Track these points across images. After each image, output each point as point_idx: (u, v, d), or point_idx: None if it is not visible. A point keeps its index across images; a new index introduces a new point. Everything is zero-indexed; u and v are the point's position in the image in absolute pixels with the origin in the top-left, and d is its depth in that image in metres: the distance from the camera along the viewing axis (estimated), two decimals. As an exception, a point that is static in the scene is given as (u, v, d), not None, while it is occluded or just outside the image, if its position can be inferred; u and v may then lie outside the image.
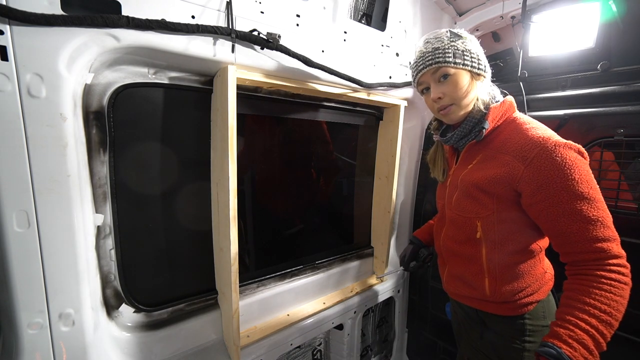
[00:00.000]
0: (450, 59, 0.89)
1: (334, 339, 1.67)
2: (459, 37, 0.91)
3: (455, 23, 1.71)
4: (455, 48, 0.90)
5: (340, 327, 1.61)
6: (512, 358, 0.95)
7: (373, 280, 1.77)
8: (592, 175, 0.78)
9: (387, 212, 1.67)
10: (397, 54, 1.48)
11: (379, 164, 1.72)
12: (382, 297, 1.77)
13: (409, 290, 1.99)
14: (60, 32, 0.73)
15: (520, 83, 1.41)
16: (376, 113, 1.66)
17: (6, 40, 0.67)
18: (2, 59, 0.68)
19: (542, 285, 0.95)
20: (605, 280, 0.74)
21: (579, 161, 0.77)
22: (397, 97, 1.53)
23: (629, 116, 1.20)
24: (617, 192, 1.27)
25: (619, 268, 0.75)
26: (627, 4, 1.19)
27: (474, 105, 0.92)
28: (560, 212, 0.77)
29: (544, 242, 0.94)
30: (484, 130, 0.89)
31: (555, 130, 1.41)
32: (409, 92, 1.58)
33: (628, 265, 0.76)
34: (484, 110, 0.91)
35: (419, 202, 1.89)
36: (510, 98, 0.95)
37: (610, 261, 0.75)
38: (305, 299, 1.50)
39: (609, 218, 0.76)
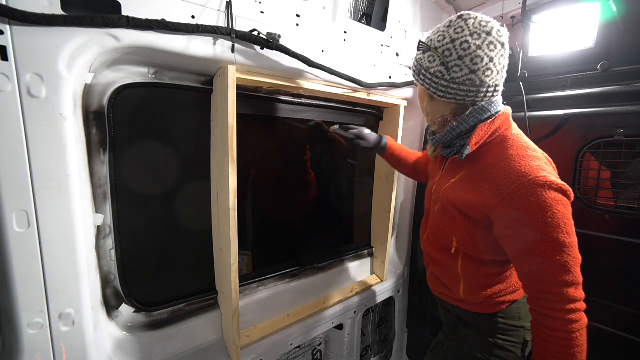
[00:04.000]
0: (413, 74, 0.92)
1: (334, 339, 1.67)
2: (427, 49, 0.84)
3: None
4: (419, 63, 0.87)
5: (340, 327, 1.61)
6: (482, 350, 0.97)
7: (373, 280, 1.77)
8: (568, 217, 0.75)
9: (387, 212, 1.67)
10: (397, 54, 1.48)
11: (379, 164, 1.72)
12: (382, 297, 1.77)
13: (409, 290, 1.99)
14: (60, 32, 0.73)
15: (520, 83, 1.41)
16: (376, 113, 1.66)
17: (6, 40, 0.67)
18: (2, 59, 0.68)
19: (518, 288, 0.96)
20: (559, 334, 0.75)
21: (555, 203, 0.72)
22: (397, 97, 1.53)
23: (629, 116, 1.20)
24: (616, 192, 1.27)
25: (571, 315, 0.74)
26: (627, 4, 1.19)
27: (442, 120, 0.89)
28: (524, 250, 0.77)
29: None
30: (464, 154, 0.84)
31: (555, 130, 1.41)
32: (409, 92, 1.58)
33: (583, 306, 0.76)
34: (453, 129, 0.86)
35: (419, 202, 1.89)
36: (505, 112, 0.86)
37: (565, 306, 0.75)
38: (305, 299, 1.50)
39: (574, 262, 0.74)
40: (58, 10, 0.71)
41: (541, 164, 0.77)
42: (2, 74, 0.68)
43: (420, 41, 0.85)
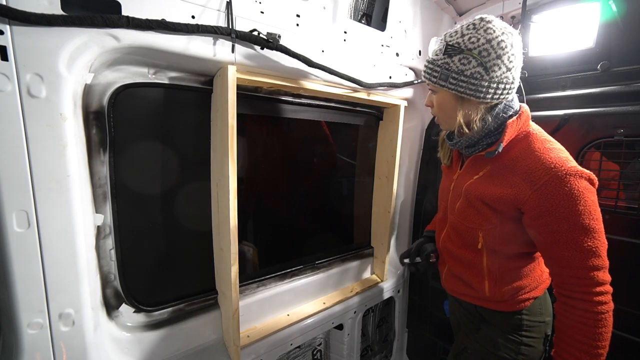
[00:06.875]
0: (435, 80, 0.86)
1: (334, 339, 1.67)
2: (459, 52, 0.81)
3: (455, 23, 1.71)
4: (446, 67, 0.83)
5: (340, 327, 1.61)
6: (509, 349, 0.97)
7: (373, 280, 1.77)
8: (597, 204, 0.78)
9: (387, 212, 1.67)
10: (397, 54, 1.48)
11: (379, 164, 1.71)
12: (382, 297, 1.77)
13: (409, 290, 1.99)
14: (60, 32, 0.73)
15: (520, 83, 1.41)
16: (376, 113, 1.65)
17: (6, 40, 0.67)
18: (2, 59, 0.68)
19: (540, 284, 0.98)
20: (589, 315, 0.79)
21: (586, 191, 0.76)
22: (397, 97, 1.53)
23: (629, 116, 1.20)
24: (617, 192, 1.27)
25: (600, 297, 0.79)
26: (627, 4, 1.19)
27: (469, 124, 0.87)
28: (557, 238, 0.79)
29: None
30: (497, 151, 0.84)
31: (555, 130, 1.41)
32: (409, 92, 1.58)
33: (610, 289, 0.80)
34: (487, 127, 0.86)
35: (419, 202, 1.89)
36: (526, 110, 0.89)
37: (594, 289, 0.79)
38: (305, 299, 1.50)
39: (603, 247, 0.78)
40: (58, 10, 0.71)
41: (567, 155, 0.82)
42: (2, 74, 0.68)
43: (448, 44, 0.82)
